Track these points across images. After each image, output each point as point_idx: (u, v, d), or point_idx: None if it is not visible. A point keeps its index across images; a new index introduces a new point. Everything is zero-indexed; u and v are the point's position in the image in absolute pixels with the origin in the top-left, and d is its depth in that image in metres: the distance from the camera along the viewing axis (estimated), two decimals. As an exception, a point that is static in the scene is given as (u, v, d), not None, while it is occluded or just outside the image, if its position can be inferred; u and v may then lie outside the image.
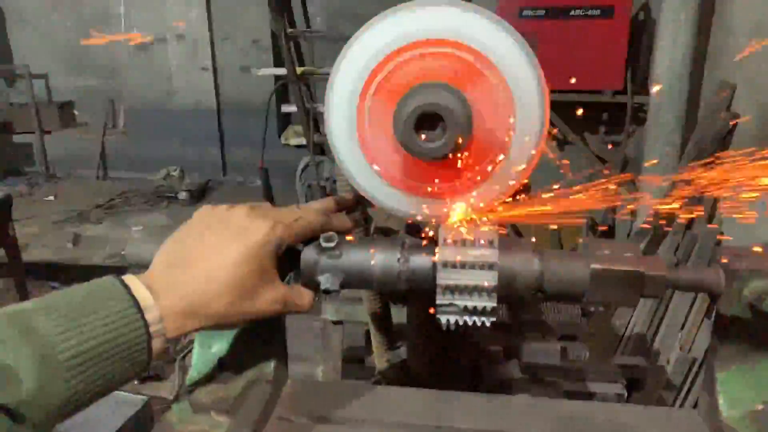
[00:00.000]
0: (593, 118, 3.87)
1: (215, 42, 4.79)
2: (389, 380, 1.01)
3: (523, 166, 0.68)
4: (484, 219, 0.69)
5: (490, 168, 0.69)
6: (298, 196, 4.14)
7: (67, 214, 4.35)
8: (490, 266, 0.63)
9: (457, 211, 0.69)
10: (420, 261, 0.66)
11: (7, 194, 2.52)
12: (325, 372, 1.39)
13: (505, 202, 0.71)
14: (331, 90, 0.70)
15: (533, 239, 0.70)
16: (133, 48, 4.92)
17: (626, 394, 1.19)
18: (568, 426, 0.66)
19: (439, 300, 0.64)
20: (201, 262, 0.57)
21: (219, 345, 0.72)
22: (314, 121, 4.36)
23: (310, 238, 0.68)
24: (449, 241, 0.64)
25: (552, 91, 0.69)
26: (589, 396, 1.03)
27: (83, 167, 5.21)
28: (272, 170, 4.47)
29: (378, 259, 0.66)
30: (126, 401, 1.64)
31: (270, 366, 0.72)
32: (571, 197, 0.70)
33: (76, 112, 5.30)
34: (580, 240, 0.68)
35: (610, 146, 3.78)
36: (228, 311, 0.57)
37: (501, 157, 0.68)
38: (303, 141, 4.51)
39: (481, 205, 0.70)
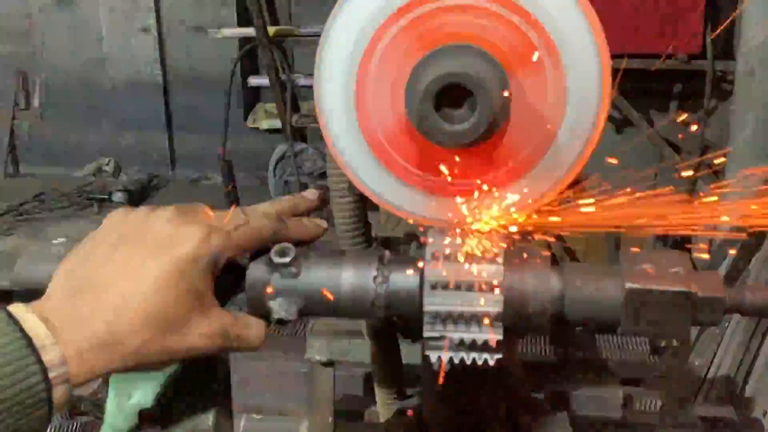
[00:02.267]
0: (662, 91, 3.85)
1: (160, -7, 4.88)
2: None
3: (577, 154, 0.68)
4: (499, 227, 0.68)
5: (533, 157, 0.69)
6: (271, 195, 4.15)
7: (-35, 222, 4.41)
8: (494, 286, 0.62)
9: (486, 215, 0.69)
10: (403, 281, 0.65)
11: None
12: (311, 429, 1.40)
13: (549, 206, 0.71)
14: (323, 54, 0.70)
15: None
16: (50, 3, 4.89)
17: (710, 457, 1.19)
18: None
19: (428, 332, 0.64)
20: (112, 285, 0.58)
21: (141, 393, 0.71)
22: (293, 98, 4.36)
23: (260, 251, 0.67)
24: (439, 254, 0.64)
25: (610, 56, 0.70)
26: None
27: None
28: (237, 162, 4.42)
29: (347, 278, 0.66)
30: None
31: (209, 419, 0.71)
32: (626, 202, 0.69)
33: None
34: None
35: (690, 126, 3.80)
36: (149, 348, 0.57)
37: (548, 142, 0.68)
38: (277, 124, 4.51)
39: (519, 206, 0.69)
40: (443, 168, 0.70)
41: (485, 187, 0.70)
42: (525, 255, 0.66)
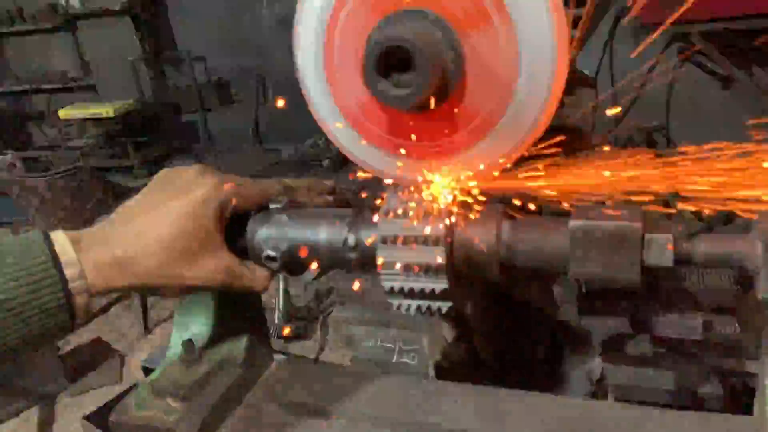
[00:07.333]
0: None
1: None
2: (448, 372, 1.05)
3: (538, 109, 0.72)
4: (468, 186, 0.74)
5: (493, 116, 0.72)
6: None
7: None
8: (436, 240, 0.70)
9: (450, 175, 0.76)
10: (366, 234, 0.75)
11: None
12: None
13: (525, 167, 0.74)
14: (301, 7, 0.76)
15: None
16: (275, 24, 6.11)
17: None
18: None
19: (384, 281, 0.73)
20: (137, 217, 0.72)
21: (198, 326, 0.85)
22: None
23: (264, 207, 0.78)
24: (391, 211, 0.72)
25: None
26: (747, 375, 0.98)
27: (240, 141, 6.89)
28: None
29: (324, 229, 0.78)
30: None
31: (242, 344, 0.86)
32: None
33: (233, 90, 6.96)
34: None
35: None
36: (159, 272, 0.71)
37: (507, 100, 0.72)
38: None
39: (482, 167, 0.74)
40: (400, 128, 0.77)
41: (449, 148, 0.76)
42: (477, 210, 0.73)
